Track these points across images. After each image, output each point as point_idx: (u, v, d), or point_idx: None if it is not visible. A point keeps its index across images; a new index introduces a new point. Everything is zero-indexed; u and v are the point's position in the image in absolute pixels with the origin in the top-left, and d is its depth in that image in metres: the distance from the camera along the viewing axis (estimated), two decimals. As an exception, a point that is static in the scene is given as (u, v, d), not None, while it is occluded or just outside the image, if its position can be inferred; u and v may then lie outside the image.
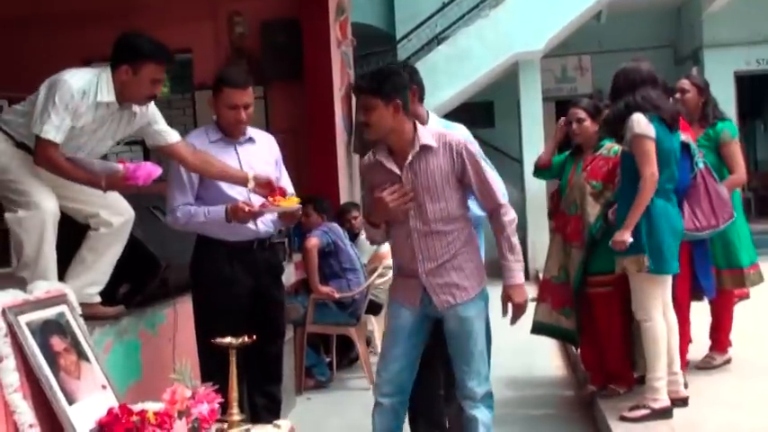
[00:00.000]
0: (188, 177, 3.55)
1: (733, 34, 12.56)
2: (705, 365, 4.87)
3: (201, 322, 3.62)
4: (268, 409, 3.72)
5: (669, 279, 4.04)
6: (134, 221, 3.69)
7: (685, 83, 4.84)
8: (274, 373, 3.88)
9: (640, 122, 3.86)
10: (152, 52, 3.22)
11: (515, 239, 3.12)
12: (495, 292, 3.10)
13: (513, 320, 3.19)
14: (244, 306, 3.60)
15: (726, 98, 12.69)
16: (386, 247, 5.25)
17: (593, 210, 4.32)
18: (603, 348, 4.48)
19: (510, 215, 3.12)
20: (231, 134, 3.62)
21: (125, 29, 3.43)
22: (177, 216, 3.56)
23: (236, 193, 3.54)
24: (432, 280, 3.09)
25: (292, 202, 3.52)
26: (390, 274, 5.98)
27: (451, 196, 3.08)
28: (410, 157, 3.06)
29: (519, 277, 3.10)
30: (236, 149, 3.62)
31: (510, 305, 3.12)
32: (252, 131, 3.72)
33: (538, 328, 4.72)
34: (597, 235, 4.28)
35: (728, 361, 4.93)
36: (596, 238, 4.29)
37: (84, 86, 3.15)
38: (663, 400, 3.96)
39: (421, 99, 3.42)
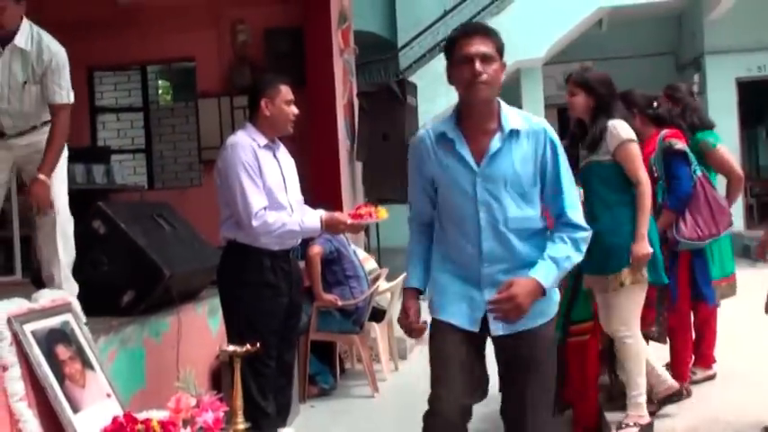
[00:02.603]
0: (258, 180, 3.46)
1: (734, 41, 12.59)
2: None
3: (246, 331, 3.39)
4: (283, 414, 3.75)
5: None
6: (137, 230, 3.67)
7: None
8: (290, 377, 3.88)
9: (625, 127, 3.72)
10: None
11: None
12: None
13: None
14: (283, 314, 3.58)
15: (727, 105, 12.71)
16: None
17: None
18: (576, 399, 4.17)
19: None
20: (279, 132, 3.62)
21: (129, 38, 3.44)
22: (269, 222, 3.40)
23: (284, 199, 3.54)
24: None
25: (384, 213, 3.59)
26: (388, 283, 6.00)
27: None
28: None
29: None
30: (275, 156, 3.61)
31: None
32: None
33: None
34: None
35: (712, 377, 4.75)
36: (578, 284, 4.01)
37: None
38: (646, 416, 3.84)
39: None
